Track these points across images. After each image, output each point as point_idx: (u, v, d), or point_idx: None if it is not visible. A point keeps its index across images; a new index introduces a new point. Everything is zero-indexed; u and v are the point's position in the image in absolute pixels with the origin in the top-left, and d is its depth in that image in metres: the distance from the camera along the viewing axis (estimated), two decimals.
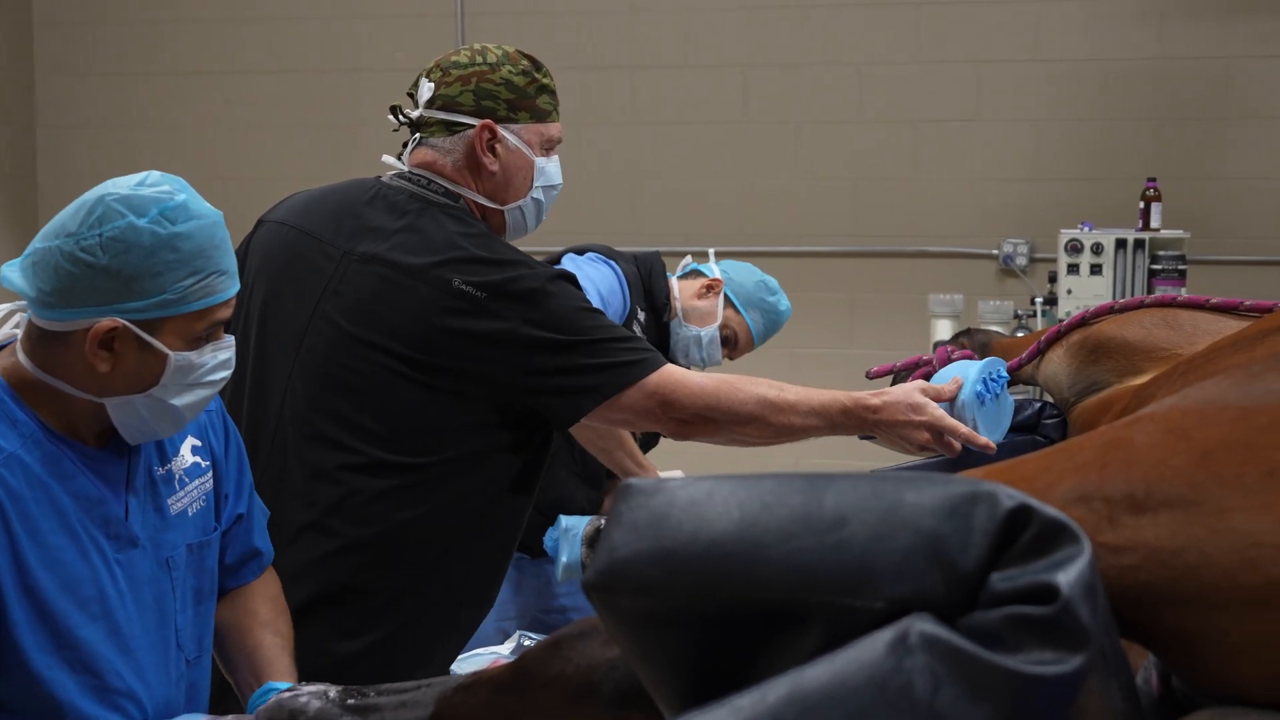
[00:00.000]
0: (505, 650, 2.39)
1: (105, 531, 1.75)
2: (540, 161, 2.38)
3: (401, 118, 2.38)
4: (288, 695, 1.69)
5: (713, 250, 3.60)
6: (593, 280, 3.13)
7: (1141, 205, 5.41)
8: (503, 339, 2.18)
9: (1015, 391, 2.86)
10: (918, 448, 2.30)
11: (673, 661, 0.98)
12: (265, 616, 2.01)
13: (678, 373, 2.29)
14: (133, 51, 6.79)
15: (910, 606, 0.89)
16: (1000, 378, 2.37)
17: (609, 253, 3.31)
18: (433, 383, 2.20)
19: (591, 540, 3.08)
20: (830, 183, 6.18)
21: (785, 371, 6.08)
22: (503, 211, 2.39)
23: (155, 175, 1.74)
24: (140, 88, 6.80)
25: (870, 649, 0.85)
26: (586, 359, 2.22)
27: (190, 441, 1.92)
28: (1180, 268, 5.22)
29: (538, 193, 2.40)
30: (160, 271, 1.67)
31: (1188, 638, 0.99)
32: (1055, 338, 2.40)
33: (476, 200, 2.36)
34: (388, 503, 2.23)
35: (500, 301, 2.18)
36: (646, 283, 3.35)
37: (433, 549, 2.27)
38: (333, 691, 1.67)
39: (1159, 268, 5.23)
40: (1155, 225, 5.37)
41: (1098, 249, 5.26)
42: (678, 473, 3.26)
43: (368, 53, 6.52)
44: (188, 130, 6.75)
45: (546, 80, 2.39)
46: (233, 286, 1.76)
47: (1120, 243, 5.26)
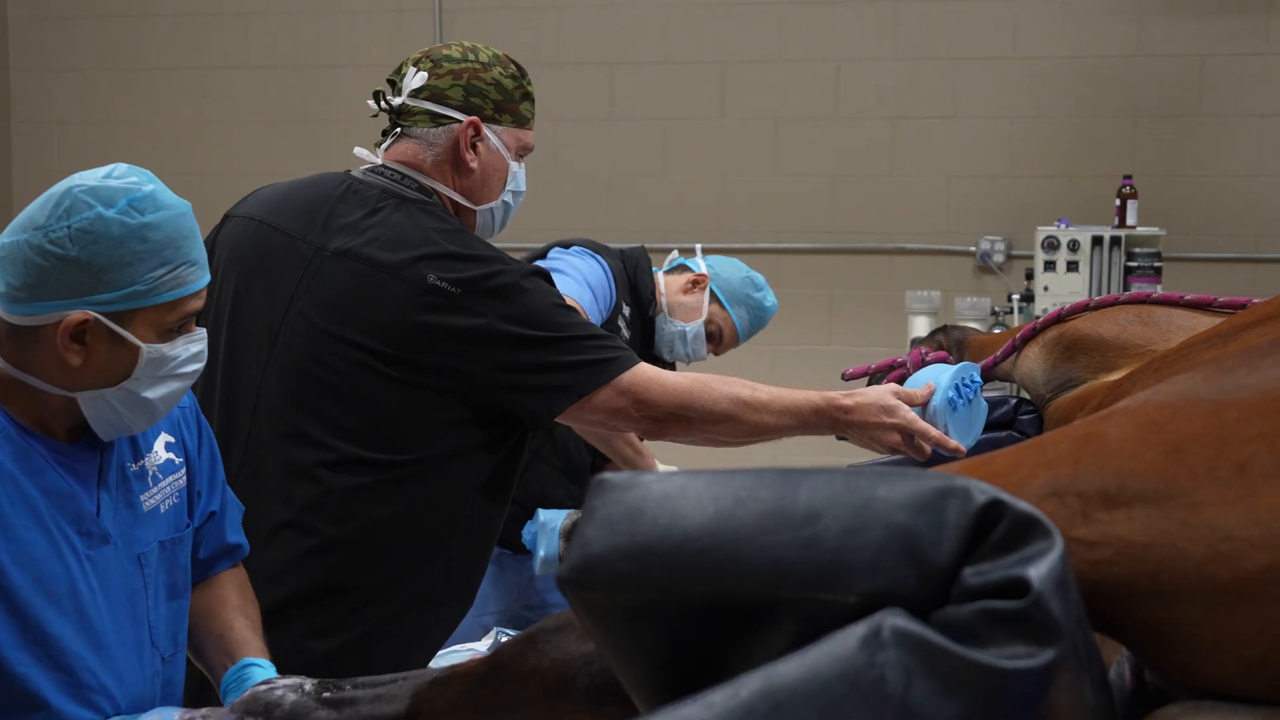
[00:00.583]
0: (483, 646, 2.39)
1: (77, 527, 1.74)
2: (514, 166, 2.40)
3: (383, 105, 2.37)
4: (263, 688, 1.68)
5: (699, 246, 3.58)
6: (581, 272, 3.12)
7: (1118, 202, 5.44)
8: (478, 335, 2.18)
9: (991, 388, 2.86)
10: (888, 449, 2.31)
11: (647, 656, 0.98)
12: (235, 601, 2.01)
13: (651, 371, 2.29)
14: (109, 47, 6.76)
15: (883, 601, 0.89)
16: (974, 383, 2.38)
17: (595, 247, 3.30)
18: (408, 379, 2.19)
19: (570, 534, 3.07)
20: (808, 179, 6.19)
21: (764, 368, 6.12)
22: (475, 211, 2.38)
23: (122, 167, 1.73)
24: (116, 83, 6.76)
25: (843, 644, 0.85)
26: (561, 356, 2.21)
27: (164, 438, 1.91)
28: (1156, 264, 5.25)
29: (508, 196, 2.41)
30: (130, 262, 1.66)
31: (1160, 632, 0.99)
32: (1030, 335, 2.41)
33: (451, 197, 2.36)
34: (364, 500, 2.22)
35: (476, 297, 2.18)
36: (632, 278, 3.34)
37: (410, 547, 2.27)
38: (308, 684, 1.66)
39: (1135, 265, 5.26)
40: (1131, 222, 5.40)
41: (1074, 246, 5.28)
42: (673, 469, 3.27)
43: (345, 48, 6.50)
44: (164, 126, 6.73)
45: (530, 88, 2.41)
46: (203, 277, 1.75)
47: (1097, 240, 5.29)
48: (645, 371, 2.28)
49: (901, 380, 2.47)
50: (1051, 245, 5.31)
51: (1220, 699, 0.99)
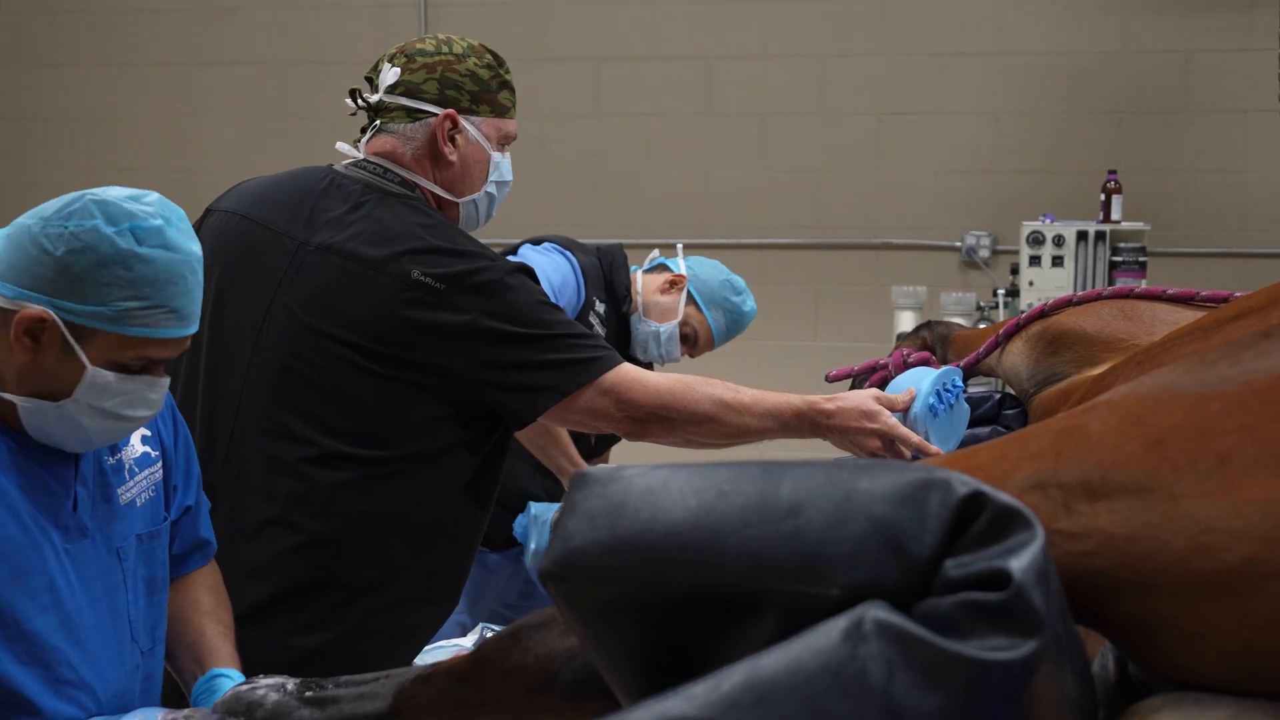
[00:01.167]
0: (468, 643, 2.39)
1: (54, 522, 1.74)
2: (496, 156, 2.39)
3: (360, 102, 2.36)
4: (245, 688, 1.68)
5: (680, 244, 3.56)
6: (544, 270, 3.11)
7: (1102, 198, 5.45)
8: (461, 331, 2.18)
9: (976, 383, 2.87)
10: (869, 454, 2.32)
11: (629, 650, 0.98)
12: (208, 605, 2.00)
13: (634, 371, 2.29)
14: (93, 43, 6.73)
15: (865, 593, 0.89)
16: (956, 387, 2.38)
17: (567, 243, 3.29)
18: (391, 374, 2.19)
19: None
20: (793, 175, 6.20)
21: (750, 363, 6.13)
22: (458, 204, 2.38)
23: (154, 196, 1.73)
24: (101, 79, 6.74)
25: (825, 636, 0.85)
26: (544, 354, 2.21)
27: (140, 432, 1.90)
28: (1141, 259, 5.27)
29: (491, 187, 2.40)
30: (108, 284, 1.65)
31: (1142, 624, 0.99)
32: (1013, 331, 2.41)
33: (433, 191, 2.35)
34: (348, 496, 2.22)
35: (460, 293, 2.18)
36: (607, 274, 3.32)
37: (396, 544, 2.26)
38: (291, 684, 1.66)
39: (1120, 259, 5.27)
40: (1116, 217, 5.41)
41: (1059, 241, 5.29)
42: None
43: (330, 44, 6.49)
44: (150, 122, 6.71)
45: (508, 77, 2.39)
46: (180, 329, 1.72)
47: (1081, 235, 5.30)
48: (628, 372, 2.28)
49: (884, 382, 2.48)
50: (1037, 240, 5.32)
51: (1202, 690, 0.99)
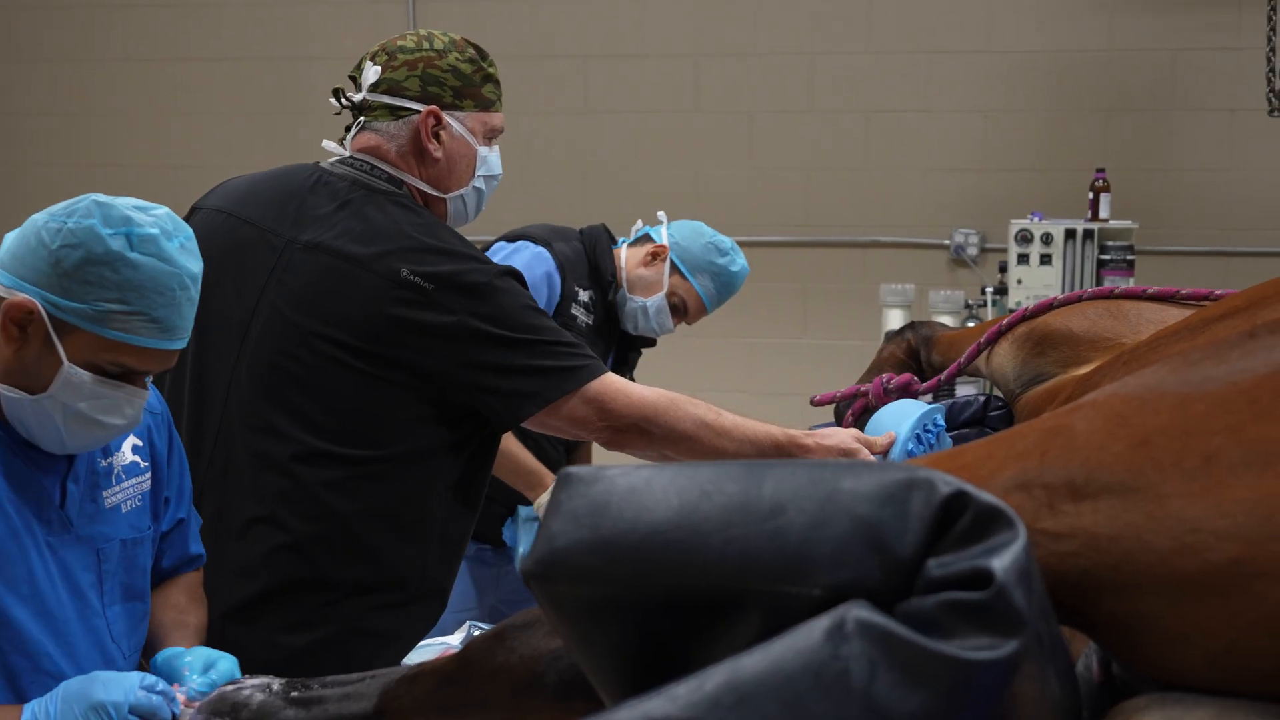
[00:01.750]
0: (455, 640, 2.39)
1: (37, 514, 1.74)
2: (483, 151, 2.38)
3: (344, 101, 2.36)
4: (230, 688, 1.68)
5: (662, 213, 3.46)
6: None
7: (1090, 196, 5.45)
8: (449, 331, 2.17)
9: (963, 383, 2.87)
10: None
11: (612, 649, 0.98)
12: (175, 601, 2.01)
13: (618, 382, 2.31)
14: (80, 38, 6.71)
15: (848, 593, 0.89)
16: (937, 427, 2.39)
17: (545, 237, 3.23)
18: (378, 373, 2.19)
19: None
20: (782, 173, 6.19)
21: (739, 361, 6.13)
22: (445, 199, 2.37)
23: (163, 210, 1.75)
24: (88, 75, 6.72)
25: (807, 636, 0.85)
26: (529, 360, 2.21)
27: (131, 441, 1.91)
28: (1129, 258, 5.27)
29: (479, 182, 2.39)
30: (92, 282, 1.67)
31: (1126, 624, 0.99)
32: (995, 336, 2.42)
33: (419, 187, 2.35)
34: (335, 495, 2.21)
35: (448, 293, 2.17)
36: (591, 258, 3.27)
37: (383, 546, 2.26)
38: (276, 684, 1.65)
39: (1108, 258, 5.27)
40: (1104, 216, 5.42)
41: (1047, 239, 5.29)
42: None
43: (318, 40, 6.47)
44: (137, 118, 6.68)
45: (491, 70, 2.38)
46: (160, 341, 1.73)
47: (1070, 233, 5.30)
48: (612, 382, 2.29)
49: (863, 410, 2.50)
50: (1025, 238, 5.32)
51: (1186, 690, 0.99)
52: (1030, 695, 0.89)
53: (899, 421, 2.38)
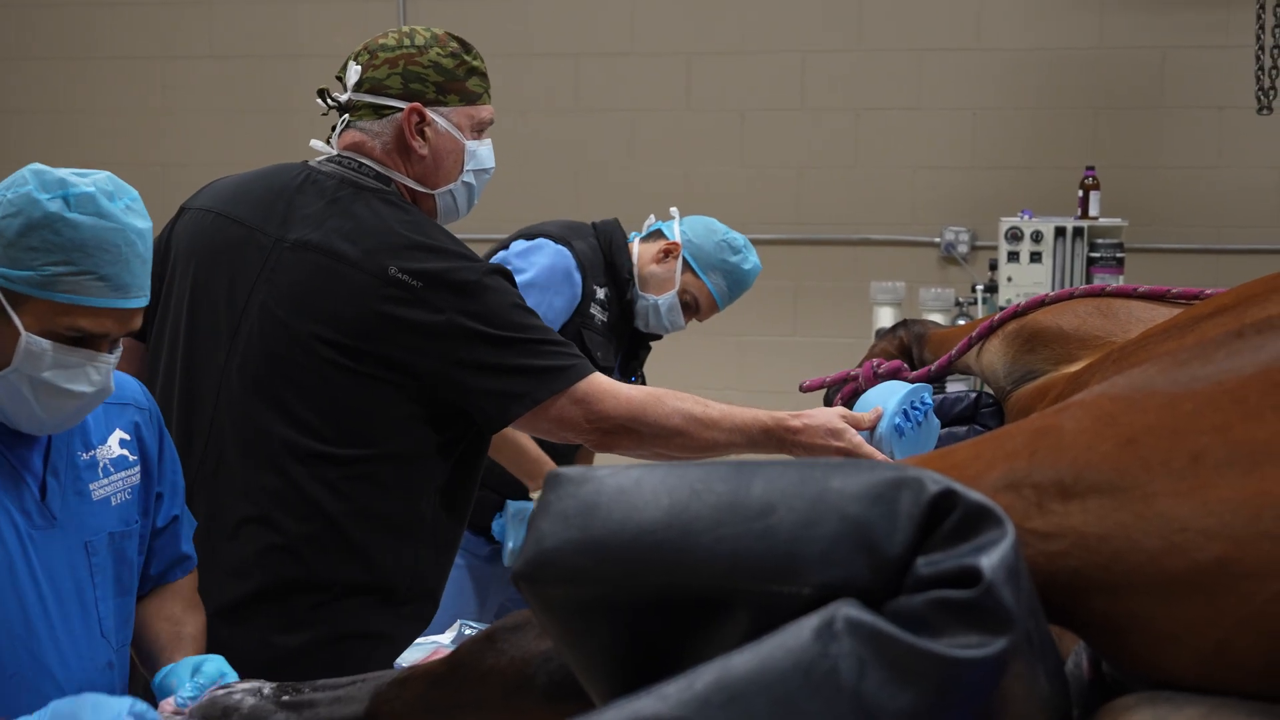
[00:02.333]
0: (447, 640, 2.38)
1: (17, 505, 1.74)
2: (471, 145, 2.36)
3: (329, 101, 2.35)
4: (221, 692, 1.68)
5: (675, 209, 3.45)
6: (542, 271, 3.06)
7: (1080, 194, 5.46)
8: (437, 330, 2.17)
9: (954, 380, 2.87)
10: None
11: (602, 649, 0.98)
12: (169, 611, 2.00)
13: (605, 382, 2.30)
14: (69, 36, 6.69)
15: (837, 592, 0.89)
16: (924, 405, 2.39)
17: (562, 234, 3.20)
18: (367, 371, 2.19)
19: None
20: (773, 171, 6.20)
21: (731, 358, 6.13)
22: (433, 196, 2.37)
23: (104, 174, 1.74)
24: (76, 72, 6.70)
25: (796, 635, 0.85)
26: (518, 359, 2.21)
27: (118, 434, 1.91)
28: (1118, 255, 5.27)
29: (469, 176, 2.38)
30: (35, 247, 1.66)
31: (1115, 623, 1.00)
32: (986, 332, 2.42)
33: (406, 184, 2.34)
34: (327, 495, 2.21)
35: (436, 291, 2.17)
36: (607, 255, 3.24)
37: (375, 548, 2.26)
38: (267, 688, 1.65)
39: (1097, 255, 5.28)
40: (1094, 213, 5.42)
41: (1037, 237, 5.30)
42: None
43: (308, 38, 6.46)
44: (124, 116, 6.67)
45: (477, 62, 2.37)
46: (113, 300, 1.71)
47: (1060, 231, 5.31)
48: (600, 382, 2.28)
49: (853, 394, 2.49)
50: (1015, 236, 5.32)
51: (1175, 689, 0.99)
52: (1019, 693, 0.89)
53: (886, 397, 2.38)
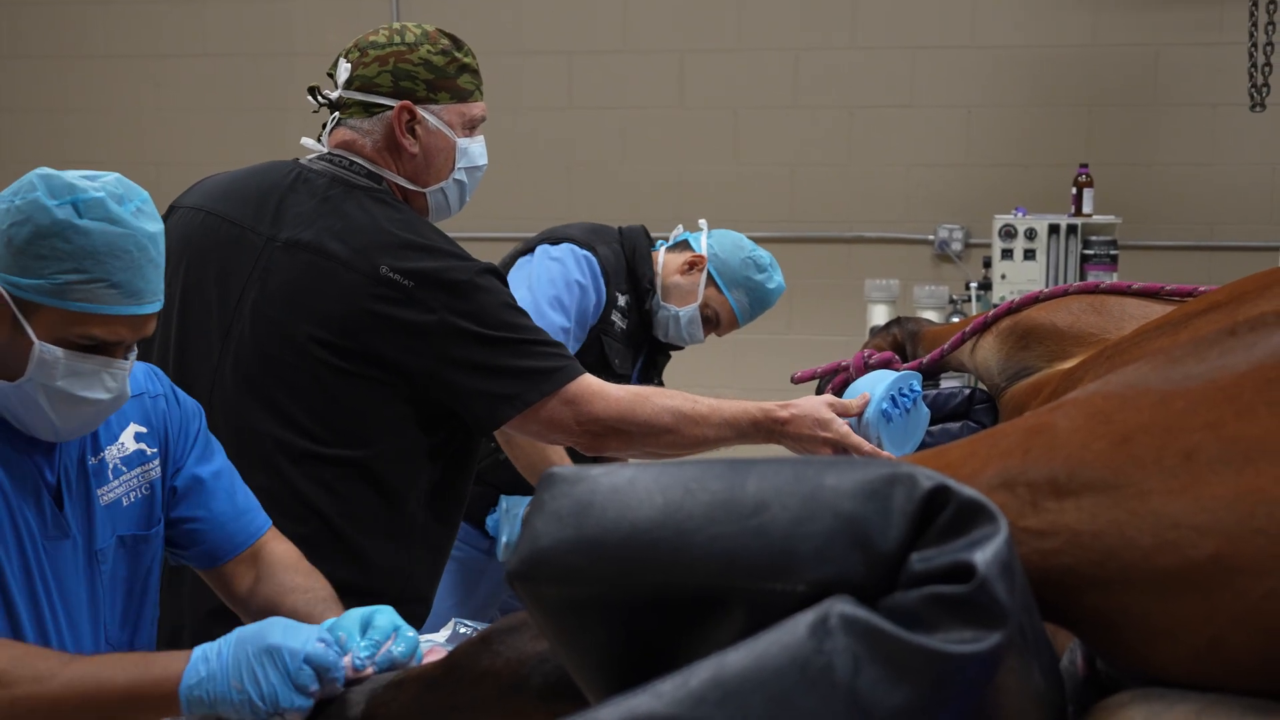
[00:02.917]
0: (441, 638, 2.38)
1: (35, 516, 1.73)
2: (463, 142, 2.36)
3: (320, 99, 2.35)
4: None
5: (704, 221, 3.43)
6: (565, 276, 3.03)
7: (1074, 191, 5.47)
8: (428, 329, 2.17)
9: (949, 378, 2.87)
10: None
11: (597, 648, 0.98)
12: (293, 583, 1.94)
13: (595, 383, 2.29)
14: (59, 34, 6.68)
15: (831, 589, 0.89)
16: (913, 392, 2.38)
17: (587, 239, 3.16)
18: (359, 370, 2.18)
19: None
20: (767, 168, 6.20)
21: (725, 357, 6.12)
22: (424, 194, 2.36)
23: (113, 176, 1.71)
24: (67, 71, 6.69)
25: (791, 632, 0.86)
26: (508, 360, 2.20)
27: (133, 429, 1.87)
28: (1112, 253, 5.28)
29: (460, 174, 2.38)
30: (45, 255, 1.63)
31: (1109, 620, 1.00)
32: (980, 328, 2.42)
33: (397, 182, 2.34)
34: (321, 495, 2.21)
35: (428, 290, 2.17)
36: (630, 262, 3.22)
37: (367, 547, 2.26)
38: None
39: (1091, 253, 5.29)
40: (1088, 211, 5.43)
41: (1031, 234, 5.30)
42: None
43: (300, 35, 6.45)
44: (117, 115, 6.66)
45: (468, 59, 2.36)
46: (126, 307, 1.68)
47: (1053, 228, 5.31)
48: (590, 383, 2.28)
49: (844, 385, 2.49)
50: (1009, 233, 5.33)
51: (1169, 686, 0.99)
52: (1014, 688, 0.89)
53: (874, 384, 2.38)
